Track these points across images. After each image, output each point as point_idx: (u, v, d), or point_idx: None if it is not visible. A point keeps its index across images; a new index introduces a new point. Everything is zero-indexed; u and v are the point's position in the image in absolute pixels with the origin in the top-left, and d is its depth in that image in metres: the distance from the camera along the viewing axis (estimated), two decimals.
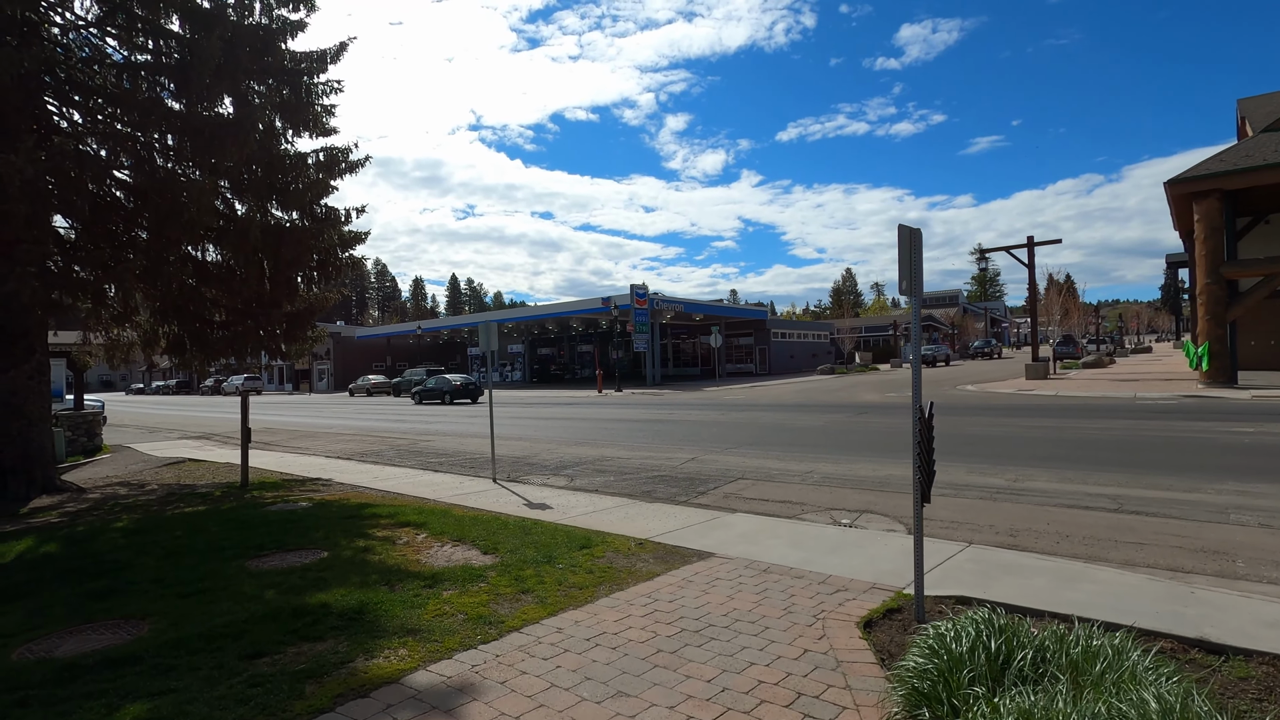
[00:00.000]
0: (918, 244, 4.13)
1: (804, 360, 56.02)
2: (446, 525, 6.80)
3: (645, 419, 19.33)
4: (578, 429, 17.52)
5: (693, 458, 11.63)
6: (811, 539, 6.22)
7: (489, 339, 10.60)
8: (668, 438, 14.68)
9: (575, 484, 9.96)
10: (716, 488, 9.19)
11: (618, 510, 7.78)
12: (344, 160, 11.14)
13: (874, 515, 7.45)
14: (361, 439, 17.94)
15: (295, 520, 7.12)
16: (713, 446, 12.88)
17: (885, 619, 4.25)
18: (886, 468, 9.85)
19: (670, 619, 4.25)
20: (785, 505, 8.07)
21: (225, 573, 5.19)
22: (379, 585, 4.84)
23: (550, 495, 8.86)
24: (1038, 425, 13.66)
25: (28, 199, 6.39)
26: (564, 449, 13.70)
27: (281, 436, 19.89)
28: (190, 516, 7.62)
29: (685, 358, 56.41)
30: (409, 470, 11.73)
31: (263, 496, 9.12)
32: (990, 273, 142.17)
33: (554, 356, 59.56)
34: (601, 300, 39.58)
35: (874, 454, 11.07)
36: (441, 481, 10.27)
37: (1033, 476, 8.71)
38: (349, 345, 64.13)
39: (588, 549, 5.95)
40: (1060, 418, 14.73)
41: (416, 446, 15.65)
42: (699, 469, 10.57)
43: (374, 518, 7.28)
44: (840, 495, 8.36)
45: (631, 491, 9.22)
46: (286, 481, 10.68)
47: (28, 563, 5.73)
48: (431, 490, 9.47)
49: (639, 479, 10.06)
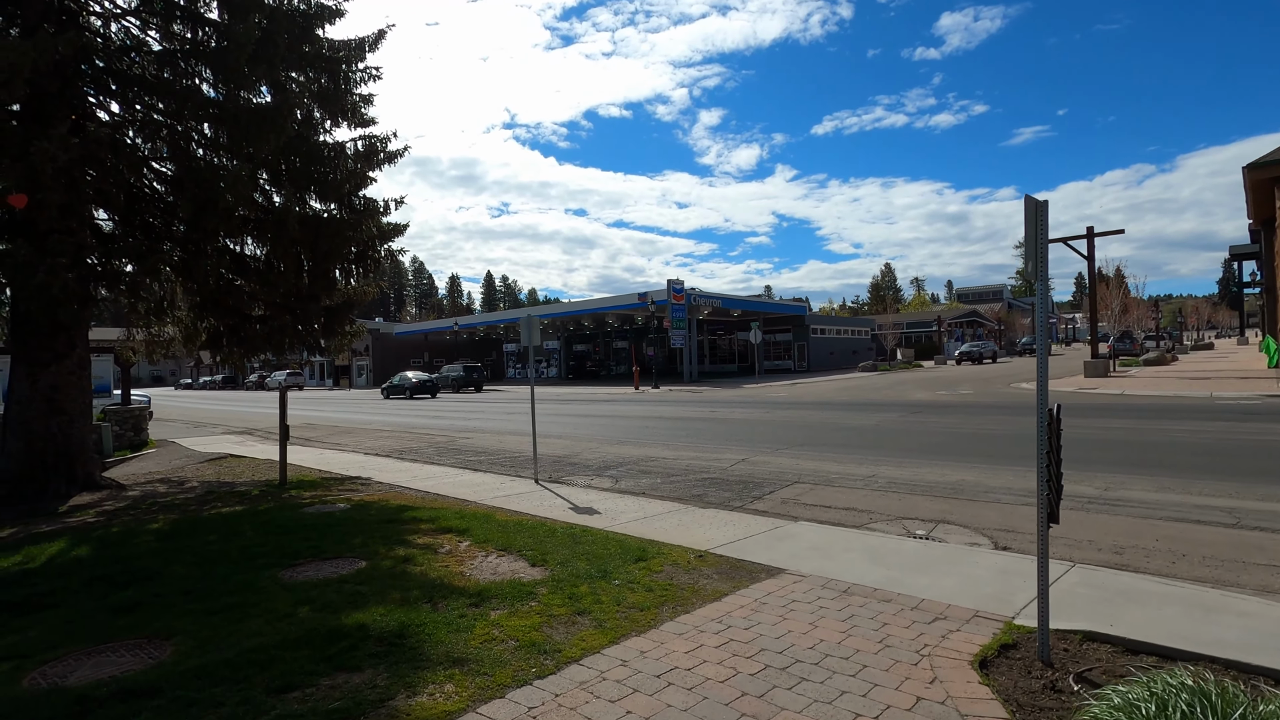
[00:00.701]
0: (1044, 217, 3.51)
1: (844, 357, 54.73)
2: (490, 532, 6.36)
3: (686, 417, 18.79)
4: (618, 427, 17.06)
5: (742, 459, 11.05)
6: (890, 554, 5.61)
7: (531, 334, 10.18)
8: (713, 437, 14.11)
9: (620, 486, 9.48)
10: (772, 492, 8.61)
11: (670, 517, 7.27)
12: (382, 150, 10.83)
13: (951, 526, 6.79)
14: (400, 435, 17.77)
15: (333, 525, 6.77)
16: (762, 447, 12.28)
17: (1002, 657, 3.65)
18: (956, 472, 9.14)
19: (749, 651, 3.71)
20: (851, 513, 7.46)
21: (257, 585, 4.82)
22: (421, 603, 4.40)
23: (596, 498, 8.39)
24: (1113, 427, 12.72)
25: (61, 188, 6.16)
26: (605, 448, 13.25)
27: (321, 432, 19.88)
28: (226, 518, 7.34)
29: (722, 354, 55.64)
30: (448, 469, 11.40)
31: (301, 497, 8.84)
32: None
33: (589, 353, 59.35)
34: (638, 296, 39.09)
35: (939, 457, 10.34)
36: (482, 482, 9.89)
37: (1125, 484, 7.93)
38: (387, 342, 64.90)
39: (643, 562, 5.45)
40: (1136, 419, 13.73)
41: (455, 444, 15.37)
42: (751, 471, 10.00)
43: (414, 522, 6.89)
44: (910, 503, 7.71)
45: (681, 495, 8.70)
46: (325, 480, 10.42)
47: (57, 568, 5.46)
48: (472, 491, 9.08)
49: (687, 482, 9.53)
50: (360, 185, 10.82)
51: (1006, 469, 9.15)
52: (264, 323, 8.81)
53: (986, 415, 15.64)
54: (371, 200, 10.90)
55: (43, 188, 6.00)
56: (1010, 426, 13.32)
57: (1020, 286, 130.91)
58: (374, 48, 11.00)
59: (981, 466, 9.40)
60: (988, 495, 7.83)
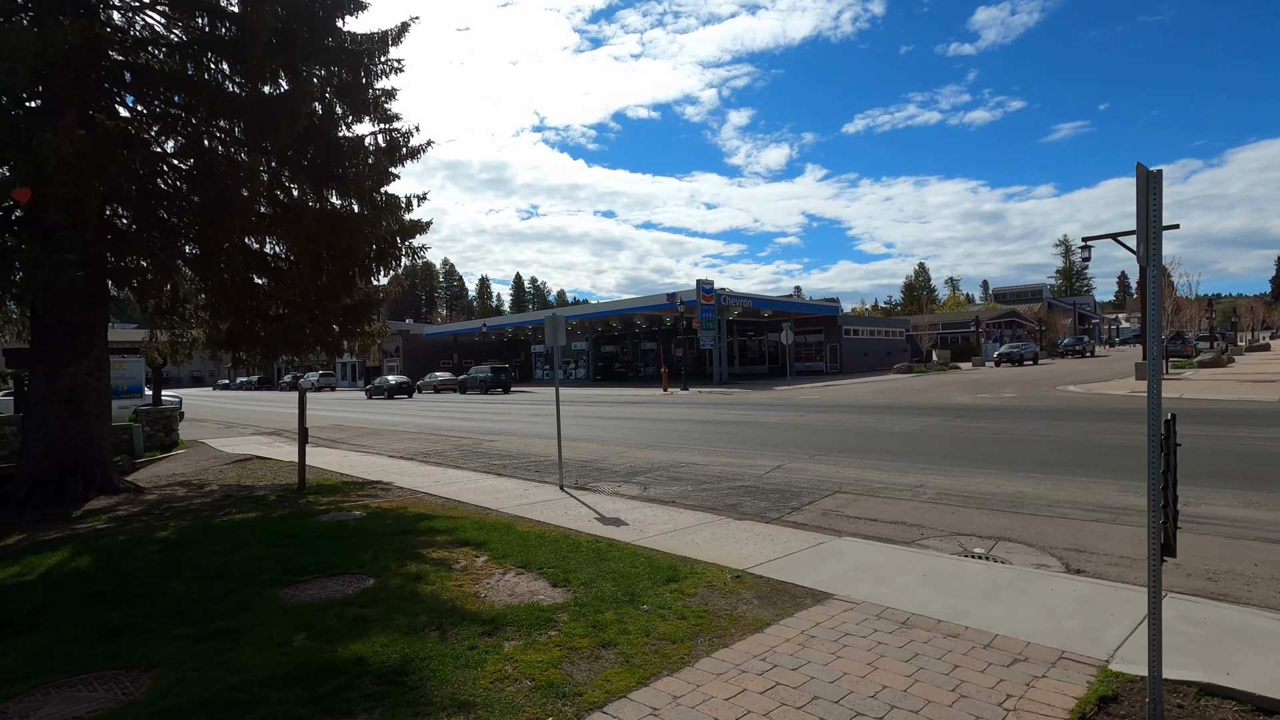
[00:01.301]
0: (1157, 190, 2.93)
1: (878, 359, 53.47)
2: (510, 545, 5.93)
3: (717, 420, 18.22)
4: (646, 430, 16.58)
5: (778, 465, 10.48)
6: (951, 577, 5.03)
7: (556, 333, 9.76)
8: (745, 441, 13.55)
9: (649, 494, 9.00)
10: (812, 503, 8.04)
11: (703, 530, 6.76)
12: (404, 145, 10.52)
13: (1013, 545, 6.16)
14: (425, 437, 17.53)
15: (345, 535, 6.40)
16: (798, 453, 11.69)
17: (1103, 714, 3.07)
18: (1013, 482, 8.46)
19: (800, 699, 3.19)
20: (899, 528, 6.87)
21: (255, 605, 4.44)
22: (428, 631, 3.97)
23: (623, 508, 7.92)
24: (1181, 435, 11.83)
25: (67, 181, 5.92)
26: (633, 452, 12.77)
27: (348, 434, 19.77)
28: (237, 527, 7.03)
29: (752, 356, 54.79)
30: (471, 474, 11.04)
31: (317, 502, 8.53)
32: (1076, 265, 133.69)
33: (617, 354, 59.01)
34: (666, 296, 38.57)
35: (991, 465, 9.65)
36: (505, 488, 9.50)
37: (1206, 499, 7.19)
38: (417, 343, 65.40)
39: (675, 583, 4.95)
40: (1203, 425, 12.79)
41: (480, 447, 15.05)
42: (787, 479, 9.43)
43: (430, 533, 6.49)
44: (965, 517, 7.08)
45: (714, 505, 8.18)
46: (345, 484, 10.13)
47: (52, 582, 5.17)
48: (494, 499, 8.69)
49: (720, 490, 9.01)
50: (382, 181, 10.52)
51: (1068, 480, 8.44)
52: (281, 322, 8.54)
53: (1037, 420, 14.80)
54: (393, 196, 10.59)
55: (47, 181, 5.77)
56: (1066, 433, 12.51)
57: (1060, 286, 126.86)
58: (397, 41, 10.69)
59: (1040, 477, 8.70)
60: (1051, 510, 7.17)
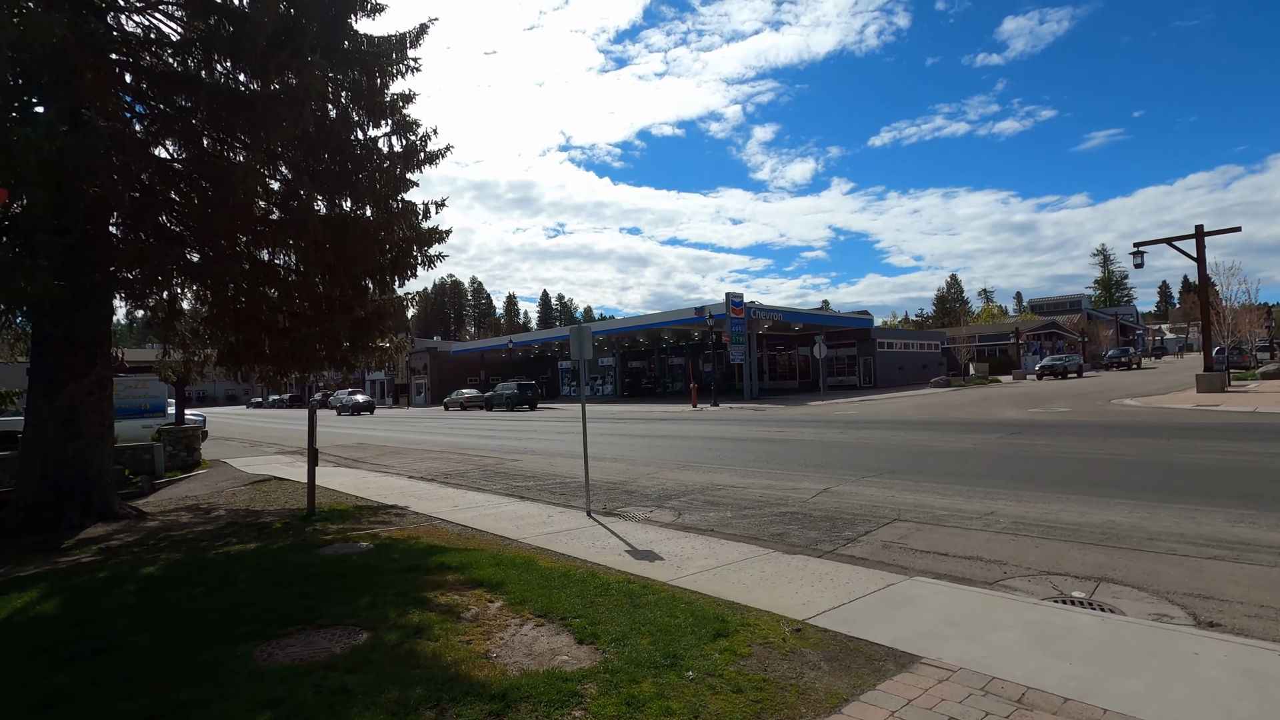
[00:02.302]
0: None
1: (913, 372, 51.89)
2: (529, 587, 5.16)
3: (751, 438, 17.31)
4: (677, 449, 15.74)
5: (824, 489, 9.58)
6: (1060, 635, 4.12)
7: (582, 347, 9.04)
8: (784, 461, 12.64)
9: (684, 521, 8.18)
10: (869, 533, 7.14)
11: (749, 566, 5.92)
12: (421, 150, 9.97)
13: (1119, 587, 5.21)
14: (449, 457, 16.92)
15: (345, 573, 5.69)
16: (844, 474, 10.75)
17: None
18: (1098, 510, 7.45)
19: None
20: (975, 564, 5.95)
21: (224, 668, 3.73)
22: (423, 710, 3.21)
23: (657, 538, 7.11)
24: (1272, 453, 10.65)
25: (48, 182, 5.42)
26: (665, 473, 11.96)
27: (371, 453, 19.27)
28: (231, 561, 6.37)
29: (782, 370, 53.62)
30: (492, 497, 10.33)
31: (324, 531, 7.87)
32: (1115, 275, 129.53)
33: (644, 370, 58.26)
34: (695, 310, 37.78)
35: (1065, 489, 8.63)
36: (527, 514, 8.75)
37: None
38: (445, 360, 65.47)
39: (724, 638, 4.13)
40: None
41: (503, 467, 14.37)
42: (837, 505, 8.53)
43: (441, 570, 5.75)
44: (1052, 552, 6.13)
45: (757, 534, 7.33)
46: (357, 509, 9.49)
47: (7, 632, 4.54)
48: (515, 527, 7.94)
49: (763, 516, 8.15)
50: (399, 188, 9.97)
51: (1163, 507, 7.41)
52: (286, 335, 7.95)
53: (1104, 437, 13.63)
54: (409, 203, 10.03)
55: (26, 181, 5.28)
56: (1142, 451, 11.38)
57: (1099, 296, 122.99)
58: (415, 43, 10.18)
59: (1128, 503, 7.68)
60: (1154, 544, 6.18)
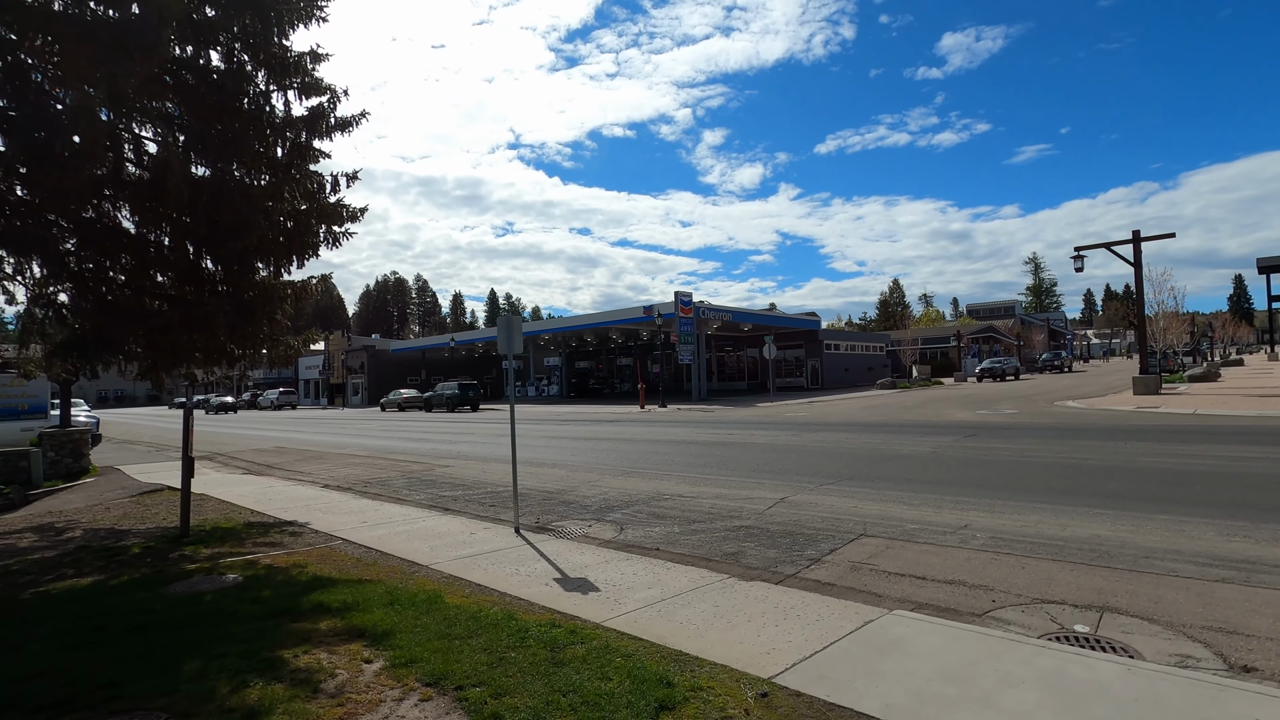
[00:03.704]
0: None
1: (859, 374, 52.31)
2: (424, 638, 4.07)
3: (701, 440, 16.47)
4: (623, 453, 14.75)
5: (780, 498, 8.74)
6: (1088, 694, 3.29)
7: (511, 340, 7.95)
8: (736, 466, 11.80)
9: (626, 537, 7.20)
10: (834, 551, 6.30)
11: (700, 598, 4.96)
12: (330, 112, 8.71)
13: (1126, 619, 4.47)
14: (374, 462, 15.50)
15: (187, 622, 4.47)
16: (801, 480, 9.96)
17: None
18: (1080, 522, 6.80)
19: None
20: (959, 590, 5.16)
21: None
22: None
23: (593, 560, 6.10)
24: (1235, 456, 10.35)
25: None
26: (608, 480, 10.95)
27: (289, 458, 17.63)
28: (45, 605, 5.06)
29: (730, 371, 53.30)
30: (412, 510, 9.13)
31: (193, 557, 6.56)
32: (1046, 283, 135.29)
33: (592, 370, 57.10)
34: (644, 309, 36.89)
35: (1039, 498, 8.01)
36: (447, 531, 7.61)
37: None
38: (384, 359, 62.81)
39: (670, 711, 3.17)
40: (1252, 445, 11.36)
41: (432, 473, 13.10)
42: (796, 517, 7.69)
43: (316, 615, 4.59)
44: (1041, 574, 5.38)
45: (709, 553, 6.41)
46: (247, 528, 8.16)
47: None
48: (428, 548, 6.80)
49: (714, 531, 7.23)
50: (303, 157, 8.69)
51: (1147, 518, 6.81)
52: (142, 321, 6.54)
53: (1060, 440, 13.28)
54: (314, 173, 8.76)
55: None
56: (1105, 455, 10.96)
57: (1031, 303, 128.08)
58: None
59: (1110, 514, 7.07)
60: (1151, 563, 5.50)
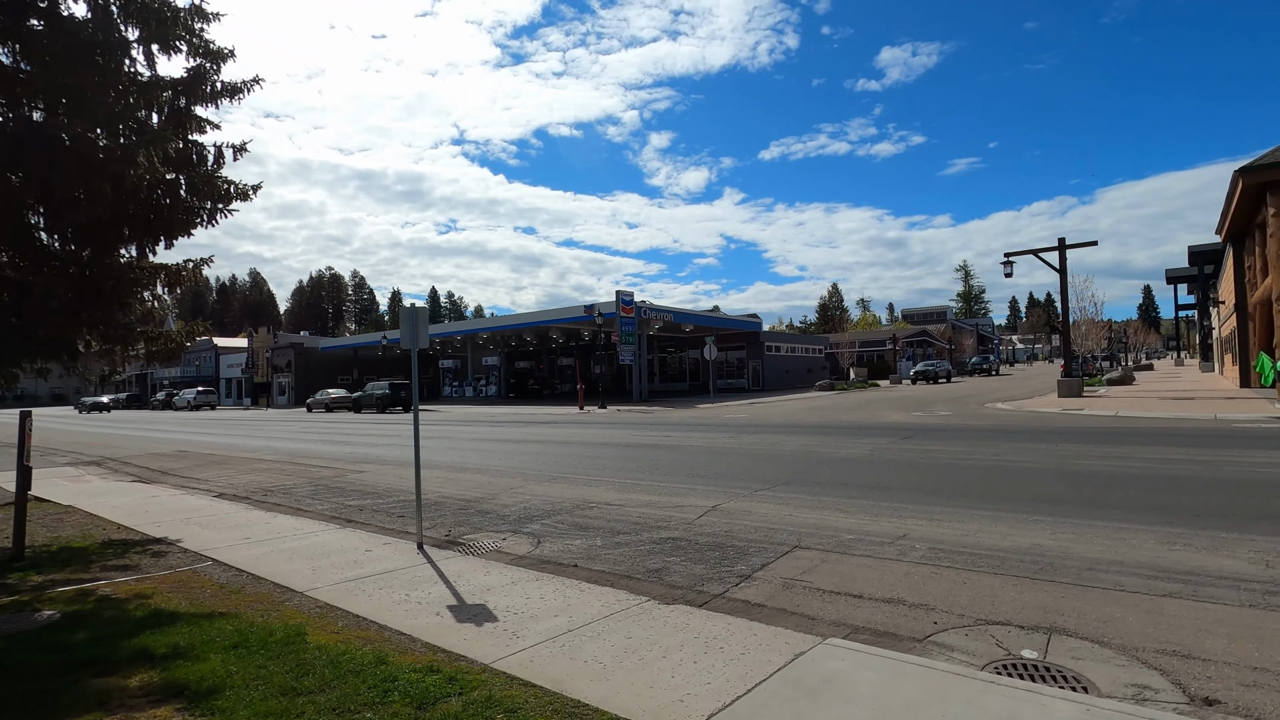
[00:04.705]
0: None
1: (799, 376, 52.88)
2: (260, 695, 3.29)
3: (637, 443, 15.87)
4: (555, 457, 14.01)
5: (713, 506, 8.20)
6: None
7: (417, 332, 7.15)
8: (670, 470, 11.23)
9: (543, 551, 6.51)
10: (766, 566, 5.77)
11: (612, 629, 4.32)
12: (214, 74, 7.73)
13: (1075, 642, 4.07)
14: (281, 468, 14.27)
15: None
16: (735, 485, 9.46)
17: None
18: (1019, 529, 6.48)
19: None
20: (898, 610, 4.68)
21: None
22: None
23: (499, 581, 5.38)
24: (1163, 458, 10.41)
25: None
26: (533, 487, 10.21)
27: (190, 463, 16.13)
28: None
29: (673, 372, 53.06)
30: (309, 522, 8.19)
31: (16, 586, 5.52)
32: (975, 290, 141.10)
33: (532, 370, 55.90)
34: (584, 308, 36.12)
35: (976, 502, 7.71)
36: (340, 548, 6.75)
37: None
38: (312, 357, 59.93)
39: None
40: (1176, 446, 11.52)
41: (343, 479, 12.06)
42: (727, 526, 7.15)
43: (132, 666, 3.73)
44: (983, 590, 4.97)
45: (631, 569, 5.80)
46: (104, 547, 7.09)
47: None
48: (311, 569, 5.94)
49: (639, 544, 6.62)
50: (182, 126, 7.68)
51: (1087, 525, 6.55)
52: None
53: (994, 442, 13.26)
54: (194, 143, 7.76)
55: None
56: (1038, 458, 10.88)
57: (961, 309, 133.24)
58: None
59: (1048, 520, 6.79)
60: (1095, 575, 5.17)
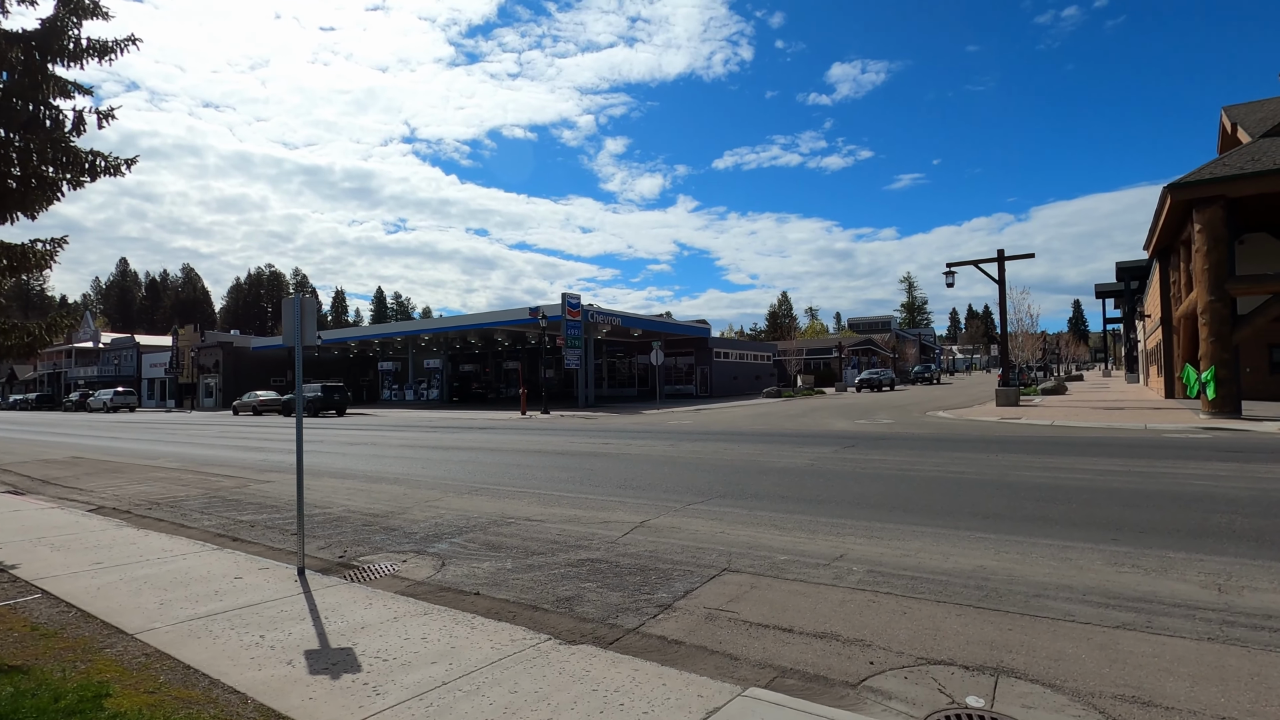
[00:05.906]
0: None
1: (747, 382, 52.95)
2: None
3: (574, 451, 15.13)
4: (482, 465, 13.16)
5: (641, 521, 7.56)
6: None
7: (303, 325, 6.30)
8: (601, 481, 10.55)
9: (445, 576, 5.76)
10: (690, 593, 5.15)
11: (497, 678, 3.60)
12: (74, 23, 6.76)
13: (1025, 685, 3.57)
14: (180, 477, 13.01)
15: None
16: (668, 499, 8.85)
17: None
18: (962, 549, 6.04)
19: None
20: (830, 647, 4.12)
21: None
22: None
23: (377, 620, 4.60)
24: (1101, 469, 10.26)
25: None
26: (451, 499, 9.39)
27: (79, 471, 14.64)
28: None
29: (621, 377, 52.43)
30: (184, 543, 7.20)
31: None
32: (918, 301, 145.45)
33: (477, 374, 54.40)
34: (529, 310, 35.14)
35: (918, 518, 7.28)
36: (205, 575, 5.83)
37: (1244, 577, 5.06)
38: (243, 357, 57.03)
39: None
40: (1112, 457, 11.45)
41: (244, 490, 10.98)
42: (653, 547, 6.52)
43: None
44: (925, 621, 4.46)
45: (539, 598, 5.10)
46: None
47: None
48: (157, 604, 5.04)
49: (554, 567, 5.93)
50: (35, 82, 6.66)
51: (1032, 543, 6.15)
52: None
53: (936, 451, 13.03)
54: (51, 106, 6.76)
55: None
56: (979, 469, 10.62)
57: (905, 319, 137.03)
58: None
59: (991, 538, 6.38)
60: (1043, 603, 4.72)
